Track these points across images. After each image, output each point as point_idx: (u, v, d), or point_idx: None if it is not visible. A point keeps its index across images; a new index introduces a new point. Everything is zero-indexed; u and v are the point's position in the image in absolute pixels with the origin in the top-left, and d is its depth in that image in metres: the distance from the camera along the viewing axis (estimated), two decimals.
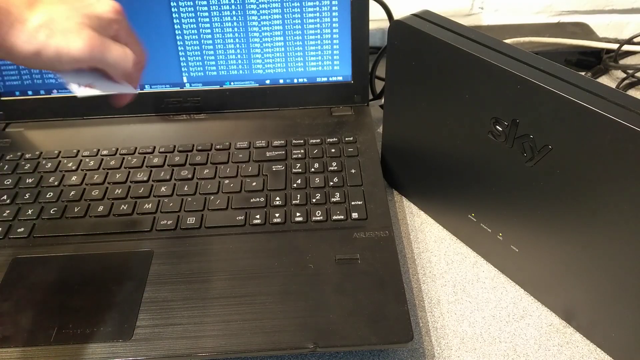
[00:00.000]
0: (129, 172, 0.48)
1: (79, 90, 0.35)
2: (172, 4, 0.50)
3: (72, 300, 0.37)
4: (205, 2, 0.50)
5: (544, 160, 0.33)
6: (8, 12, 0.29)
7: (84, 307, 0.37)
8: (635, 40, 0.63)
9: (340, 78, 0.54)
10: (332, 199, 0.44)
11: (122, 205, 0.45)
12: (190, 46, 0.52)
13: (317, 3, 0.50)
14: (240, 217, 0.43)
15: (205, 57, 0.53)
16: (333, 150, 0.49)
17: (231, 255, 0.40)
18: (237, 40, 0.52)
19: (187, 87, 0.54)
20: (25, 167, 0.49)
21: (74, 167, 0.49)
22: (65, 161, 0.49)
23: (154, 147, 0.51)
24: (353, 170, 0.47)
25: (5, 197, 0.46)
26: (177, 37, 0.52)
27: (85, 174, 0.48)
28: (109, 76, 0.36)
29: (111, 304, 0.37)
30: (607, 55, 0.65)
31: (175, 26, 0.51)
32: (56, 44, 0.31)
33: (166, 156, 0.50)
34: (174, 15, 0.51)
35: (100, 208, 0.44)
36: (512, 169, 0.36)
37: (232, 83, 0.54)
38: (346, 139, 0.50)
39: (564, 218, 0.34)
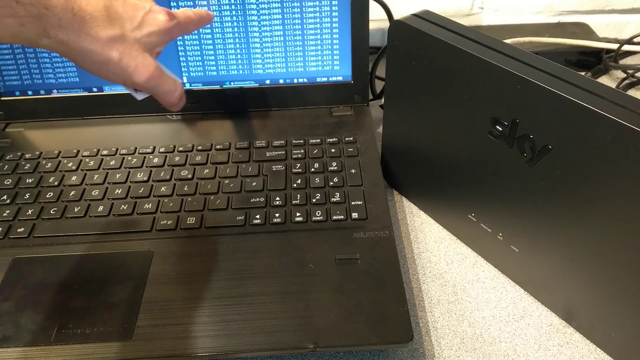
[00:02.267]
0: (129, 172, 0.48)
1: (137, 94, 0.38)
2: (172, 4, 0.50)
3: (72, 300, 0.37)
4: (205, 2, 0.50)
5: (544, 160, 0.33)
6: (83, 20, 0.32)
7: (84, 307, 0.37)
8: (635, 40, 0.63)
9: (340, 78, 0.54)
10: (332, 199, 0.44)
11: (122, 205, 0.45)
12: (190, 46, 0.52)
13: (317, 3, 0.50)
14: (240, 217, 0.43)
15: (205, 57, 0.53)
16: (333, 150, 0.49)
17: (231, 255, 0.40)
18: (237, 40, 0.52)
19: (187, 87, 0.54)
20: (25, 167, 0.49)
21: (74, 167, 0.49)
22: (65, 161, 0.49)
23: (154, 147, 0.51)
24: (353, 170, 0.47)
25: (5, 197, 0.46)
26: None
27: (85, 174, 0.48)
28: None
29: (111, 304, 0.37)
30: (607, 55, 0.65)
31: None
32: (124, 64, 0.34)
33: (166, 156, 0.50)
34: None
35: (100, 208, 0.44)
36: (512, 169, 0.36)
37: (232, 83, 0.54)
38: (346, 139, 0.50)
39: (564, 218, 0.34)
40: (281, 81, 0.54)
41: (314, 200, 0.44)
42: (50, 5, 0.30)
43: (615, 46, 0.63)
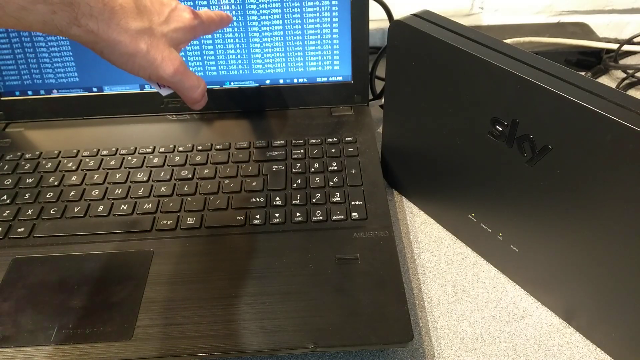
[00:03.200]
0: (129, 172, 0.48)
1: (162, 90, 0.38)
2: None
3: (72, 300, 0.37)
4: (205, 2, 0.50)
5: (544, 160, 0.33)
6: (113, 10, 0.32)
7: (84, 307, 0.37)
8: (635, 40, 0.63)
9: (340, 78, 0.54)
10: (332, 199, 0.44)
11: (122, 205, 0.45)
12: (190, 46, 0.52)
13: (317, 3, 0.50)
14: (240, 217, 0.43)
15: (205, 57, 0.53)
16: (333, 150, 0.49)
17: (231, 255, 0.40)
18: (237, 40, 0.52)
19: None
20: (25, 167, 0.49)
21: (74, 167, 0.49)
22: (65, 161, 0.49)
23: (154, 147, 0.51)
24: (353, 170, 0.47)
25: (5, 197, 0.46)
26: None
27: (85, 174, 0.48)
28: None
29: (111, 304, 0.37)
30: (607, 55, 0.65)
31: None
32: (151, 56, 0.34)
33: (166, 156, 0.50)
34: None
35: (100, 208, 0.44)
36: (512, 169, 0.36)
37: (232, 83, 0.54)
38: (346, 139, 0.50)
39: (564, 218, 0.34)
40: (281, 81, 0.54)
41: (314, 200, 0.44)
42: None
43: (615, 46, 0.63)
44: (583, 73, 0.53)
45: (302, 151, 0.49)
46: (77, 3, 0.31)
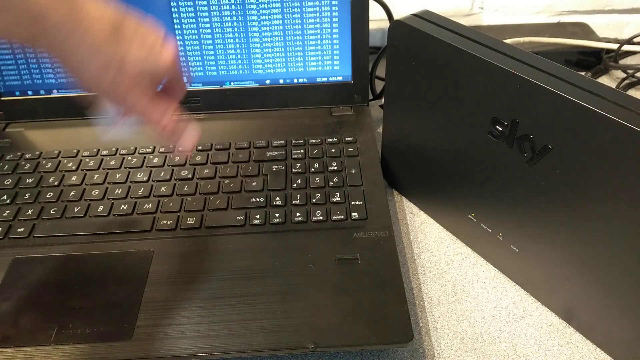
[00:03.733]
0: (129, 172, 0.48)
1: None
2: (172, 3, 0.50)
3: (72, 300, 0.37)
4: (205, 2, 0.50)
5: (544, 160, 0.33)
6: (85, 33, 0.30)
7: (84, 307, 0.37)
8: (635, 40, 0.63)
9: (340, 78, 0.54)
10: (332, 199, 0.44)
11: (122, 205, 0.45)
12: (190, 46, 0.52)
13: (317, 3, 0.50)
14: (240, 217, 0.43)
15: (205, 57, 0.53)
16: (333, 150, 0.49)
17: (231, 255, 0.40)
18: (237, 40, 0.52)
19: (187, 87, 0.54)
20: (25, 167, 0.49)
21: (74, 167, 0.49)
22: (65, 161, 0.49)
23: (154, 147, 0.51)
24: (353, 170, 0.47)
25: (5, 197, 0.46)
26: (177, 37, 0.52)
27: (85, 174, 0.48)
28: None
29: (111, 304, 0.37)
30: (607, 55, 0.65)
31: (175, 26, 0.51)
32: (117, 86, 0.32)
33: (166, 156, 0.50)
34: (174, 15, 0.51)
35: (100, 208, 0.44)
36: (512, 169, 0.36)
37: (232, 83, 0.54)
38: (346, 139, 0.50)
39: (564, 218, 0.34)
40: (281, 81, 0.54)
41: (314, 200, 0.44)
42: None
43: (615, 46, 0.63)
44: (583, 73, 0.53)
45: (302, 151, 0.49)
46: None
